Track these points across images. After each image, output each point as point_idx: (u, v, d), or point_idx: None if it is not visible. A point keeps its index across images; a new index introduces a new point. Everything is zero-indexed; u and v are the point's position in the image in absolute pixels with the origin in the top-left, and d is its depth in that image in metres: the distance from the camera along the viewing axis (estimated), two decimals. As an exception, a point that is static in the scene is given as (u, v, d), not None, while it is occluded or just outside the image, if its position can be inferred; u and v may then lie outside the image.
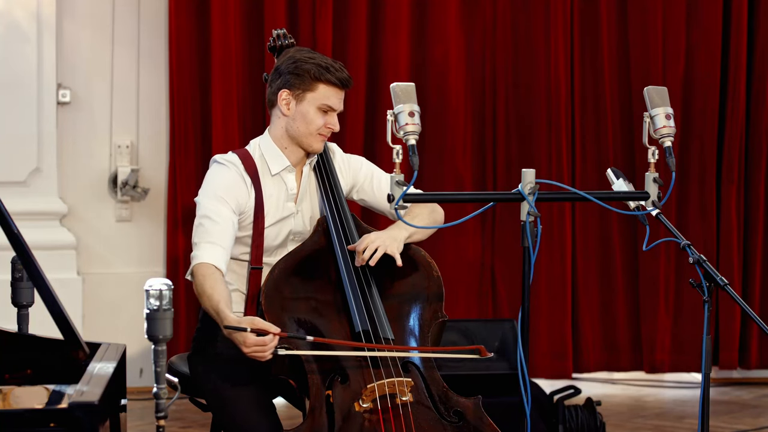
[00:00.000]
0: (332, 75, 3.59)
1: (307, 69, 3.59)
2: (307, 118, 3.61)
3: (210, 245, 3.47)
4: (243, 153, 3.66)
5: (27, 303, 3.48)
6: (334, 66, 3.61)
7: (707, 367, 3.14)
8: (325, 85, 3.60)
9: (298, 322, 3.46)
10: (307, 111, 3.61)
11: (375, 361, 3.42)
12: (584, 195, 3.34)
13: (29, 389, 2.86)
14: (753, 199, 6.34)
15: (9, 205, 3.00)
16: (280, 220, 3.64)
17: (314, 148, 3.66)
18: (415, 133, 3.23)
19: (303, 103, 3.61)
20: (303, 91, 3.60)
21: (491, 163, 6.20)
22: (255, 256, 3.61)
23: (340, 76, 3.60)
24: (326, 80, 3.59)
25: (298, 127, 3.63)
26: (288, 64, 3.62)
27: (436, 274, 3.63)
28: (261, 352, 3.28)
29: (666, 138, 3.36)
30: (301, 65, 3.60)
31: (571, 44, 6.21)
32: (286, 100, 3.63)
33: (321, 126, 3.62)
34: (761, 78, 6.29)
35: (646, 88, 3.41)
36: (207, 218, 3.52)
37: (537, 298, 6.18)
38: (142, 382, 5.98)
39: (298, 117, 3.62)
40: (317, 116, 3.61)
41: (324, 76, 3.59)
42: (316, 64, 3.60)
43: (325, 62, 3.61)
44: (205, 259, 3.45)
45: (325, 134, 3.65)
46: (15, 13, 5.85)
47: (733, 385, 6.43)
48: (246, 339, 3.27)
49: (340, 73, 3.61)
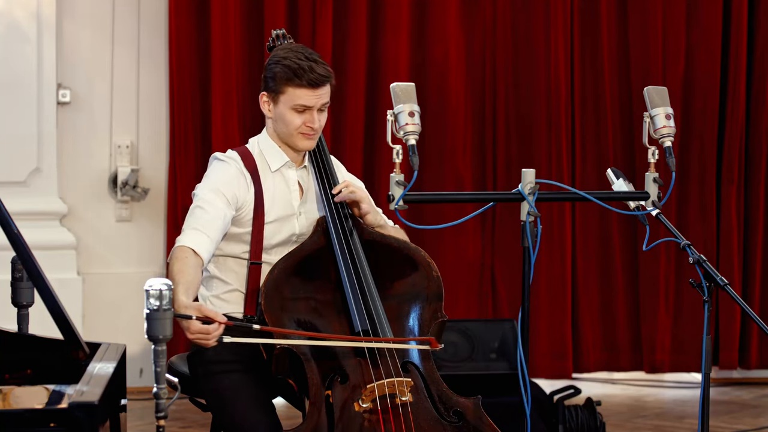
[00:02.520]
0: (301, 78, 3.54)
1: (276, 72, 3.57)
2: (285, 120, 3.61)
3: (194, 231, 3.47)
4: (242, 150, 3.67)
5: (27, 303, 3.48)
6: (302, 67, 3.54)
7: (707, 367, 3.14)
8: (293, 87, 3.57)
9: (298, 322, 3.46)
10: (283, 113, 3.60)
11: (375, 361, 3.42)
12: (584, 195, 3.34)
13: (29, 389, 2.86)
14: (753, 199, 6.34)
15: (9, 205, 2.99)
16: (281, 218, 3.64)
17: (300, 146, 3.65)
18: (415, 133, 3.23)
19: (279, 105, 3.60)
20: (276, 93, 3.59)
21: (491, 163, 6.20)
22: (254, 251, 3.60)
23: (309, 78, 3.55)
24: (294, 84, 3.56)
25: (280, 128, 3.64)
26: (267, 65, 3.63)
27: (436, 274, 3.63)
28: (204, 339, 3.27)
29: (666, 138, 3.37)
30: (273, 68, 3.59)
31: (571, 44, 6.21)
32: (266, 102, 3.64)
33: (300, 125, 3.60)
34: (761, 78, 6.29)
35: (646, 88, 3.42)
36: (199, 207, 3.52)
37: (537, 298, 6.18)
38: (142, 382, 5.98)
39: (278, 118, 3.63)
40: (294, 116, 3.60)
41: (292, 81, 3.55)
42: (284, 66, 3.55)
43: (297, 62, 3.55)
44: (185, 242, 3.44)
45: (306, 132, 3.62)
46: (15, 13, 5.85)
47: (733, 385, 6.43)
48: (190, 326, 3.26)
49: (309, 75, 3.54)
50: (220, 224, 3.51)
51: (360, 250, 3.57)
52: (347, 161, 5.87)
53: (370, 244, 3.62)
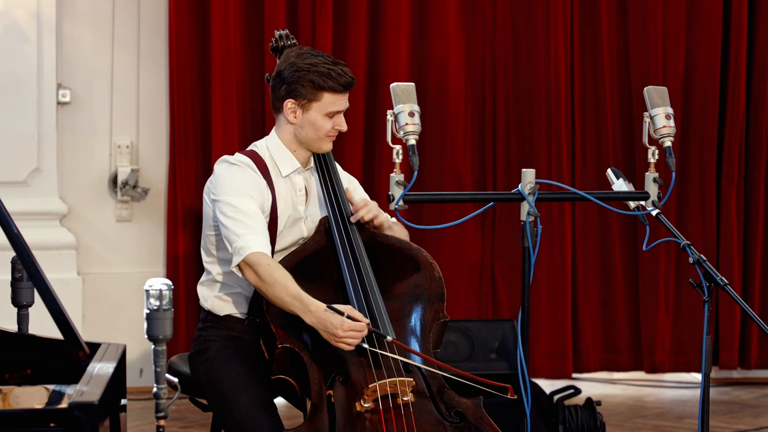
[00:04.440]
0: (335, 82, 3.57)
1: (311, 79, 3.56)
2: (315, 125, 3.61)
3: (255, 235, 3.44)
4: (252, 154, 3.65)
5: (27, 303, 3.49)
6: (335, 70, 3.57)
7: (707, 367, 3.14)
8: (329, 93, 3.58)
9: (299, 322, 3.45)
10: (315, 119, 3.60)
11: (377, 361, 3.42)
12: (584, 195, 3.34)
13: (29, 389, 2.86)
14: (753, 199, 6.34)
15: (9, 205, 3.00)
16: (291, 222, 3.64)
17: (324, 149, 3.67)
18: (415, 133, 3.23)
19: (310, 111, 3.60)
20: (308, 101, 3.59)
21: (491, 163, 6.20)
22: None
23: (343, 81, 3.58)
24: (329, 88, 3.57)
25: (307, 134, 3.63)
26: (291, 72, 3.59)
27: (438, 274, 3.63)
28: (353, 338, 3.30)
29: (666, 138, 3.37)
30: (304, 75, 3.56)
31: (571, 44, 6.20)
32: (292, 109, 3.61)
33: (330, 129, 3.63)
34: (761, 78, 6.29)
35: (646, 88, 3.42)
36: (241, 212, 3.48)
37: (537, 298, 6.17)
38: (142, 382, 5.98)
39: (306, 124, 3.62)
40: (325, 122, 3.61)
41: (327, 84, 3.56)
42: (318, 73, 3.56)
43: (327, 67, 3.57)
44: (258, 248, 3.41)
45: (333, 135, 3.65)
46: (15, 13, 5.85)
47: (733, 385, 6.43)
48: (344, 323, 3.29)
49: (343, 78, 3.58)
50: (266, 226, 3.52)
51: (362, 250, 3.57)
52: (347, 161, 5.89)
53: (372, 244, 3.62)
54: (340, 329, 3.30)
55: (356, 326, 3.30)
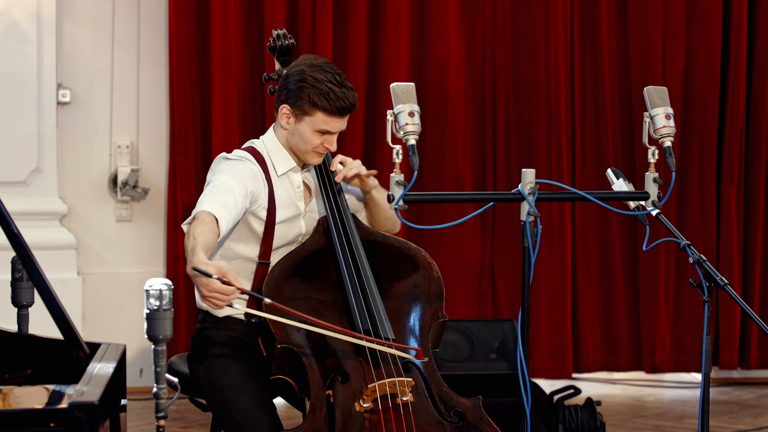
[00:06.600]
0: (331, 104, 3.53)
1: (309, 94, 3.54)
2: (304, 138, 3.60)
3: (214, 203, 3.37)
4: (251, 149, 3.66)
5: (27, 303, 3.48)
6: (335, 92, 3.53)
7: (707, 367, 3.14)
8: (323, 113, 3.56)
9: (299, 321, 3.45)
10: (304, 131, 3.59)
11: (376, 361, 3.42)
12: (584, 195, 3.34)
13: (29, 389, 2.86)
14: (753, 199, 6.34)
15: (9, 205, 2.99)
16: (290, 219, 3.64)
17: (311, 162, 3.67)
18: (415, 133, 3.23)
19: (301, 123, 3.59)
20: (302, 113, 3.57)
21: (491, 163, 6.20)
22: (263, 251, 3.59)
23: (339, 105, 3.54)
24: (323, 109, 3.55)
25: (296, 143, 3.63)
26: (295, 79, 3.57)
27: (437, 274, 3.63)
28: (219, 300, 3.17)
29: (666, 138, 3.36)
30: (305, 88, 3.54)
31: (571, 44, 6.20)
32: (286, 115, 3.61)
33: (318, 145, 3.61)
34: (761, 78, 6.29)
35: (646, 88, 3.42)
36: (216, 187, 3.44)
37: (537, 298, 6.17)
38: (142, 382, 5.98)
39: (296, 134, 3.61)
40: (314, 137, 3.59)
41: (322, 103, 3.54)
42: (317, 91, 3.53)
43: (329, 87, 3.53)
44: (207, 208, 3.34)
45: (321, 151, 3.63)
46: (15, 13, 5.85)
47: (733, 385, 6.43)
48: (209, 283, 3.15)
49: (339, 102, 3.54)
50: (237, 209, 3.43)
51: (361, 250, 3.57)
52: (347, 161, 5.88)
53: (371, 244, 3.63)
54: (205, 289, 3.17)
55: (223, 289, 3.16)
